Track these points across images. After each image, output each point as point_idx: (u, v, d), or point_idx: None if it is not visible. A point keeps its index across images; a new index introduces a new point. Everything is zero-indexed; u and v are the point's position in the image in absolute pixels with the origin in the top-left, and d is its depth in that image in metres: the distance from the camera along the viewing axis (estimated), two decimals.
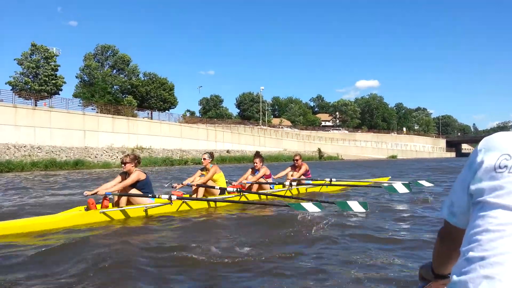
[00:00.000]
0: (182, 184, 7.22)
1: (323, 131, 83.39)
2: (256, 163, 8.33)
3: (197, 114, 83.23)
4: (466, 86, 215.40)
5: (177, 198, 6.15)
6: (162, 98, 54.41)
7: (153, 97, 53.75)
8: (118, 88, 52.70)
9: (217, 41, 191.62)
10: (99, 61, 52.38)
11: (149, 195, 6.00)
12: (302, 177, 9.25)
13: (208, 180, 7.22)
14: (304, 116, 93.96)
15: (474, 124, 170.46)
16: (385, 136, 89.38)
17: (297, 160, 9.36)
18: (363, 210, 5.77)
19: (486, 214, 0.85)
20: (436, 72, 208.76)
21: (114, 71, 53.52)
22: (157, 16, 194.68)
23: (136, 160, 6.14)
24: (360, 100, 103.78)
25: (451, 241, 1.07)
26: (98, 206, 5.62)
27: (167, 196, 6.00)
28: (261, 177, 8.25)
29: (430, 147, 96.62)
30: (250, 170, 8.48)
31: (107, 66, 53.18)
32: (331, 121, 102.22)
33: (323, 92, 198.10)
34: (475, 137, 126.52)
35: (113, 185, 5.91)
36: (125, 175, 6.07)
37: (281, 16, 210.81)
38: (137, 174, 5.96)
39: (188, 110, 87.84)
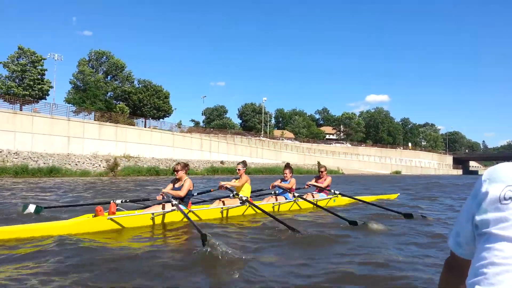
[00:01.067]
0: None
1: (324, 144, 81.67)
2: (286, 174, 8.68)
3: (201, 124, 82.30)
4: (477, 104, 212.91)
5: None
6: (156, 106, 53.28)
7: (146, 105, 52.69)
8: (111, 95, 51.77)
9: (227, 52, 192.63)
10: (93, 67, 51.63)
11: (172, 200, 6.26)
12: (315, 193, 9.48)
13: (241, 185, 7.68)
14: (308, 128, 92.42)
15: (483, 141, 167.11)
16: (389, 151, 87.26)
17: (322, 172, 9.63)
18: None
19: (491, 247, 0.85)
20: (448, 88, 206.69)
21: (108, 77, 52.68)
22: (169, 27, 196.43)
23: (187, 167, 6.74)
24: (365, 114, 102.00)
25: (457, 272, 1.06)
26: (106, 214, 5.76)
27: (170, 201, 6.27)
28: (289, 188, 8.57)
29: (436, 164, 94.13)
30: (279, 180, 8.82)
31: (101, 72, 52.39)
32: (335, 135, 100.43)
33: (332, 106, 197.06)
34: (483, 154, 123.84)
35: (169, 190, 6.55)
36: (176, 181, 6.70)
37: (293, 30, 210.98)
38: (189, 183, 6.60)
39: (192, 120, 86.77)
